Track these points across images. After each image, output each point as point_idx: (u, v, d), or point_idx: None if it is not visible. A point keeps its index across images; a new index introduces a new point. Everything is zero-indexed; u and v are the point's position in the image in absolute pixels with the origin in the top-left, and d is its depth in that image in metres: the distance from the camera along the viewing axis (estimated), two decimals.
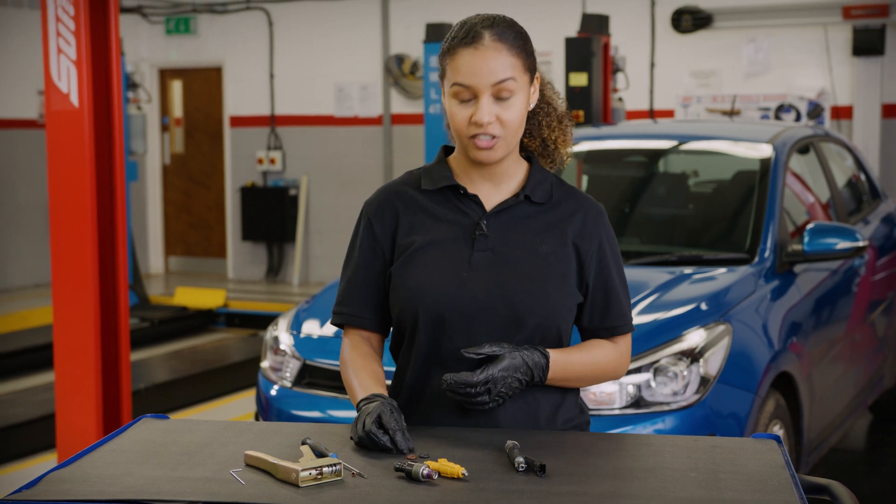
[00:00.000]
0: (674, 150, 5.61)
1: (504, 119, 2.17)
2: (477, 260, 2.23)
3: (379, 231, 2.30)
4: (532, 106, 2.26)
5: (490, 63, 2.14)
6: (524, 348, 2.17)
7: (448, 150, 2.35)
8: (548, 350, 2.20)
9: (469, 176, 2.28)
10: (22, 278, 11.38)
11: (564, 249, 2.25)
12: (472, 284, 2.20)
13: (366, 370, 2.27)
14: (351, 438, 2.09)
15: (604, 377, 2.32)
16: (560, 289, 2.22)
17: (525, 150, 2.35)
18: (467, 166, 2.28)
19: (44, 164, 4.85)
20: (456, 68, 2.17)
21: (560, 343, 2.25)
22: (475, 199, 2.27)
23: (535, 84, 2.25)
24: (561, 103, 2.36)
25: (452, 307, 2.20)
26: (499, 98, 2.16)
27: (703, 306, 4.21)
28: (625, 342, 2.34)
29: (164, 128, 12.54)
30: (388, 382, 2.32)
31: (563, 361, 2.22)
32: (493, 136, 2.17)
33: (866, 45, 9.30)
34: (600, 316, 2.29)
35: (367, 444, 2.04)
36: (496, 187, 2.28)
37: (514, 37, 2.18)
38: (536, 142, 2.35)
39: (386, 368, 2.33)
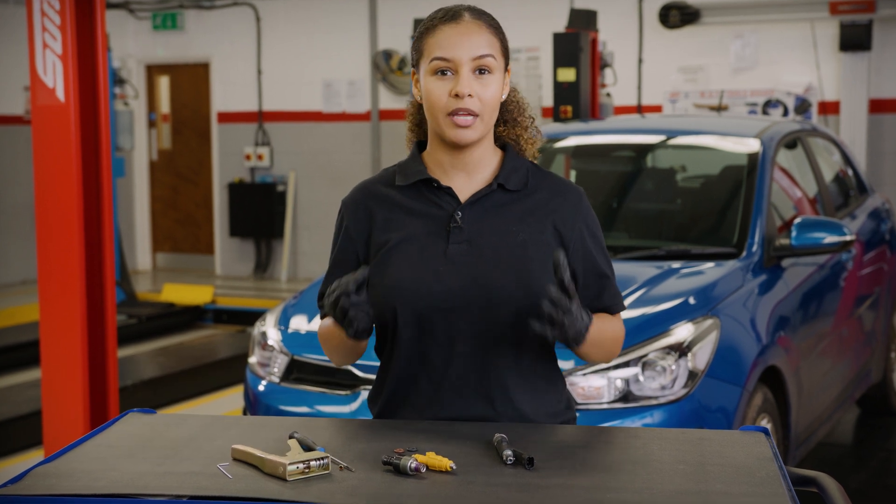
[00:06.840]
0: (662, 144, 5.61)
1: (482, 97, 2.18)
2: (452, 253, 2.21)
3: (353, 230, 2.30)
4: (504, 97, 2.27)
5: (472, 37, 2.18)
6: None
7: (422, 146, 2.34)
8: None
9: (443, 168, 2.27)
10: (8, 275, 11.34)
11: (543, 236, 2.24)
12: (448, 278, 2.19)
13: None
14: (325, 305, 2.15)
15: (615, 349, 2.31)
16: (540, 275, 2.20)
17: (500, 140, 2.35)
18: (441, 159, 2.27)
19: (30, 160, 4.82)
20: (436, 43, 2.19)
21: None
22: (449, 192, 2.26)
23: (508, 76, 2.28)
24: (528, 107, 2.39)
25: (430, 302, 2.19)
26: (478, 74, 2.18)
27: (691, 301, 4.22)
28: (621, 319, 2.36)
29: (152, 124, 12.49)
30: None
31: (597, 326, 2.18)
32: (472, 115, 2.17)
33: (853, 40, 9.31)
34: (595, 299, 2.29)
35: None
36: (470, 178, 2.27)
37: (492, 21, 2.24)
38: (511, 132, 2.36)
39: (373, 363, 2.35)
